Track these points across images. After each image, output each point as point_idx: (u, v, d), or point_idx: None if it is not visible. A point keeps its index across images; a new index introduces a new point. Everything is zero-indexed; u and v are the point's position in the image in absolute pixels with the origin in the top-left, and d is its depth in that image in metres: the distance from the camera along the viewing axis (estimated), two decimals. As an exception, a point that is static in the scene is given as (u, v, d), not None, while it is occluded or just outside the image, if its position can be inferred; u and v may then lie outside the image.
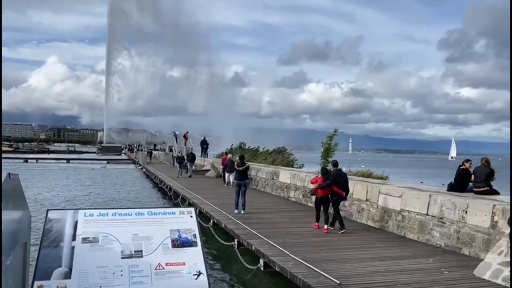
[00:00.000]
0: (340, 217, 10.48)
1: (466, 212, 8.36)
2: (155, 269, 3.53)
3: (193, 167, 28.11)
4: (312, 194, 11.53)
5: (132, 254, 3.59)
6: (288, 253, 8.11)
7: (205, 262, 3.69)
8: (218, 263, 10.36)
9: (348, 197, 11.14)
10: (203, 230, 12.79)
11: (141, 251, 3.64)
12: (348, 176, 11.70)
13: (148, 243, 3.71)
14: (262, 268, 8.29)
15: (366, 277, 6.63)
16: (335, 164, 11.25)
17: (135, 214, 3.96)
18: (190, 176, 26.38)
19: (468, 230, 8.28)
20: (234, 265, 9.62)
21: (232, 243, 10.23)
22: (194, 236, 3.87)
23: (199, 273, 3.59)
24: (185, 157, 29.12)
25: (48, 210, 3.73)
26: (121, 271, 3.44)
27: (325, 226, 10.37)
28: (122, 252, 3.59)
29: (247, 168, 13.85)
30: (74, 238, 3.58)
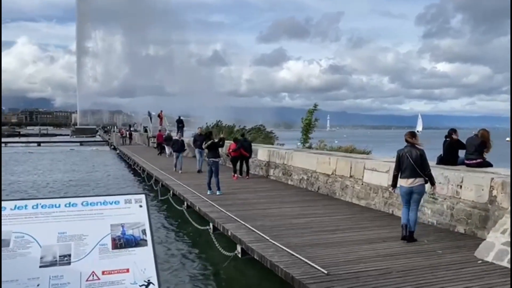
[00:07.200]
0: (248, 168, 15.76)
1: (461, 186, 7.66)
2: (87, 280, 2.60)
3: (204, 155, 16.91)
4: (228, 156, 16.92)
5: (55, 261, 2.64)
6: (267, 238, 7.30)
7: (157, 266, 2.78)
8: (193, 249, 9.47)
9: (251, 156, 16.08)
10: (177, 214, 11.93)
11: (69, 255, 2.68)
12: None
13: (80, 244, 2.75)
14: (239, 255, 7.48)
15: (357, 264, 5.85)
16: (243, 134, 18.49)
17: (65, 205, 2.96)
18: (199, 171, 17.25)
19: (463, 206, 7.60)
20: (210, 252, 8.76)
21: (207, 227, 9.38)
22: (144, 232, 2.93)
23: (149, 283, 2.68)
24: (182, 142, 19.94)
25: None
26: (38, 285, 2.50)
27: (236, 175, 15.55)
28: (41, 258, 2.63)
29: (214, 145, 12.29)
30: (-26, 242, 2.61)
